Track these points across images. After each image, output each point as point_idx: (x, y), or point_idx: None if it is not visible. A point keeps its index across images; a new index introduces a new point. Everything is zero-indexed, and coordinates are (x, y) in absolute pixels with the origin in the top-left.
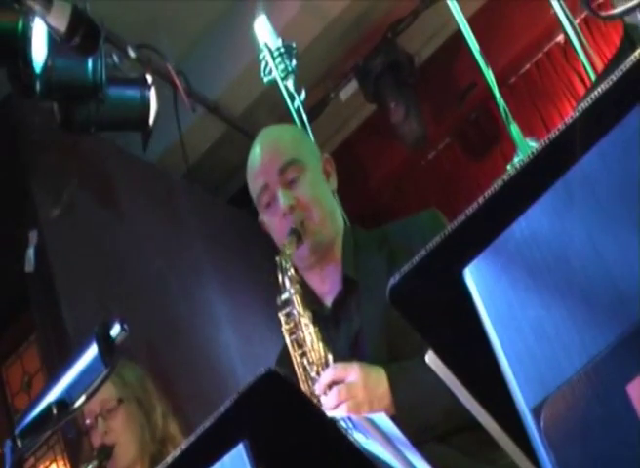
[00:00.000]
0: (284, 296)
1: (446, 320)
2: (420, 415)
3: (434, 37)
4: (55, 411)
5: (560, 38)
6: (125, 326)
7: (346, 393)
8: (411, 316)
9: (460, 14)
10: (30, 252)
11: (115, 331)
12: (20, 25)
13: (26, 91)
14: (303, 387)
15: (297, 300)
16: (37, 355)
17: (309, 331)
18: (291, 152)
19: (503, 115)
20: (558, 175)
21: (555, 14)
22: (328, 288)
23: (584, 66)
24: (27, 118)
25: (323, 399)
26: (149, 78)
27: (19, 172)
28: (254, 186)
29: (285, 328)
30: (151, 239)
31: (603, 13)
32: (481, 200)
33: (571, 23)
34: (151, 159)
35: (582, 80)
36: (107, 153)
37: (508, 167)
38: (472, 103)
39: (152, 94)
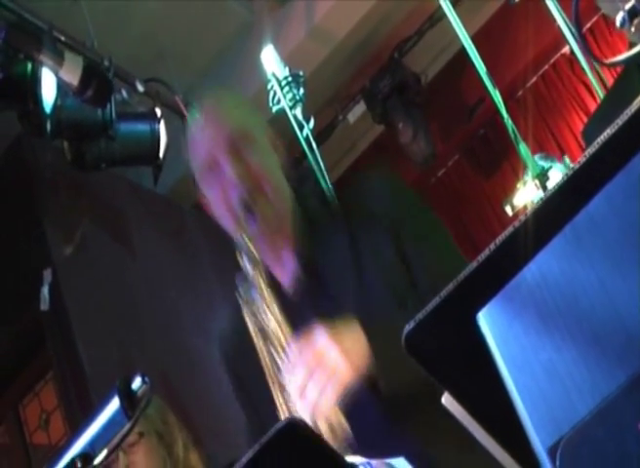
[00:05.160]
0: (245, 277)
1: (461, 364)
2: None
3: (440, 55)
4: (79, 465)
5: (566, 49)
6: (146, 379)
7: (314, 362)
8: (426, 361)
9: (464, 32)
10: (45, 290)
11: (137, 384)
12: (30, 67)
13: (37, 130)
14: (271, 381)
15: (259, 282)
16: (54, 392)
17: (273, 317)
18: (238, 121)
19: (512, 135)
20: (567, 220)
21: (559, 27)
22: (287, 271)
23: (591, 78)
24: (38, 157)
25: (289, 388)
26: (158, 111)
27: (31, 211)
28: (197, 158)
29: (247, 312)
30: (164, 271)
31: (607, 60)
32: (492, 246)
33: (574, 36)
34: (162, 191)
35: (590, 91)
36: (118, 188)
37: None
38: (481, 119)
39: (162, 127)
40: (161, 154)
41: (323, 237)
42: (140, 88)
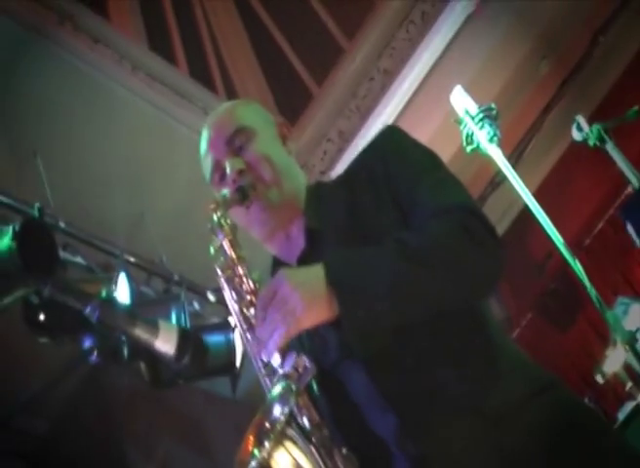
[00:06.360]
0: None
1: None
2: (359, 283)
3: (504, 216)
4: None
5: (629, 189)
6: None
7: (277, 310)
8: None
9: (526, 190)
10: None
11: None
12: (104, 294)
13: (114, 356)
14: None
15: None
16: None
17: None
18: (237, 120)
19: (587, 287)
20: None
21: (620, 169)
22: (296, 248)
23: None
24: (116, 380)
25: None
26: (232, 320)
27: (111, 435)
28: (205, 168)
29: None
30: None
31: None
32: None
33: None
34: (239, 395)
35: None
36: (195, 399)
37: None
38: (551, 273)
39: (237, 335)
40: (237, 363)
41: (329, 209)
42: (212, 298)
